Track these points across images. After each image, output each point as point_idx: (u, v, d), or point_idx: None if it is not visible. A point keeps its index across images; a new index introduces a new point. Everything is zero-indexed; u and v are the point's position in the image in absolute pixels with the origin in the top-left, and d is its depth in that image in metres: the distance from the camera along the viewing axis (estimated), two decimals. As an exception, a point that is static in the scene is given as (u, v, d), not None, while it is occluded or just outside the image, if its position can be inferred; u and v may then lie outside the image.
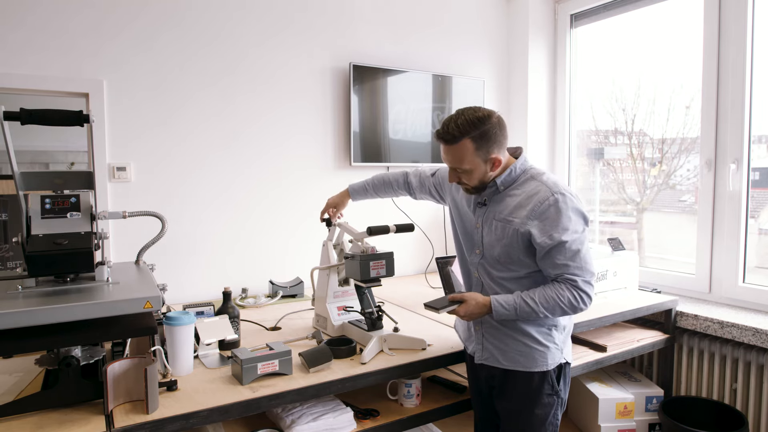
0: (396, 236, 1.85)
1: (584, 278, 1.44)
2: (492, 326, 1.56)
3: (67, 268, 1.41)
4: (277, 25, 2.52)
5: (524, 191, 1.50)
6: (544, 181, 1.49)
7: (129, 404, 1.32)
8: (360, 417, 1.63)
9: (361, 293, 1.83)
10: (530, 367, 1.53)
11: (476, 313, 1.50)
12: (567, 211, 1.44)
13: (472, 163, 1.46)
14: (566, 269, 1.44)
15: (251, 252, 2.53)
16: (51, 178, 1.52)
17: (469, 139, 1.43)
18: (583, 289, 1.44)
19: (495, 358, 1.57)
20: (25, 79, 2.03)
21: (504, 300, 1.48)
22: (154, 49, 2.25)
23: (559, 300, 1.43)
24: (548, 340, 1.53)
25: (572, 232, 1.43)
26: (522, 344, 1.53)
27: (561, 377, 1.56)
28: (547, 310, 1.44)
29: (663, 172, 2.80)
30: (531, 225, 1.45)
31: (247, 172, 2.50)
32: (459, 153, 1.46)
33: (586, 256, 1.45)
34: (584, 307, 1.45)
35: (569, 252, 1.43)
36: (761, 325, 2.08)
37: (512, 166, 1.52)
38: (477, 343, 1.61)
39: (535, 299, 1.45)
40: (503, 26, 3.25)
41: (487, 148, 1.45)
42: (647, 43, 2.82)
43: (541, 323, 1.53)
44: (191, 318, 1.54)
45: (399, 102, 2.81)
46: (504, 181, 1.52)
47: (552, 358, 1.53)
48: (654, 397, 2.33)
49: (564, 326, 1.58)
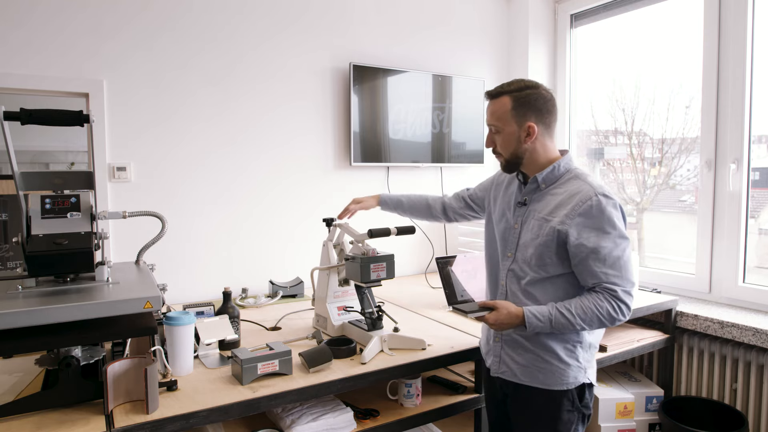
0: (396, 237, 1.85)
1: (624, 288, 1.36)
2: (512, 339, 1.49)
3: (67, 268, 1.41)
4: (277, 25, 2.52)
5: (566, 190, 1.43)
6: (589, 181, 1.42)
7: (129, 404, 1.32)
8: (360, 417, 1.63)
9: (361, 293, 1.83)
10: (549, 385, 1.45)
11: (506, 323, 1.40)
12: (609, 215, 1.36)
13: (505, 122, 1.43)
14: (605, 278, 1.35)
15: (251, 252, 2.53)
16: (51, 178, 1.52)
17: (509, 96, 1.43)
18: (623, 300, 1.35)
19: (512, 373, 1.50)
20: (25, 79, 2.03)
21: (538, 311, 1.38)
22: (155, 49, 2.26)
23: (598, 311, 1.34)
24: (571, 357, 1.44)
25: (613, 237, 1.36)
26: (542, 360, 1.45)
27: (583, 396, 1.47)
28: (585, 322, 1.35)
29: (663, 172, 2.80)
30: (569, 225, 1.37)
31: (248, 171, 2.50)
32: (496, 108, 1.44)
33: (627, 264, 1.37)
34: (623, 318, 1.36)
35: (609, 259, 1.35)
36: (761, 325, 2.08)
37: (556, 163, 1.46)
38: (494, 356, 1.55)
39: (571, 310, 1.35)
40: (503, 26, 3.25)
41: (524, 112, 1.41)
42: (647, 43, 2.82)
43: (566, 338, 1.44)
44: (191, 318, 1.54)
45: (399, 102, 2.81)
46: (546, 178, 1.47)
47: (573, 377, 1.44)
48: (654, 397, 2.33)
49: (590, 343, 1.48)
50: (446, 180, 3.09)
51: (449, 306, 1.50)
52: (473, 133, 3.08)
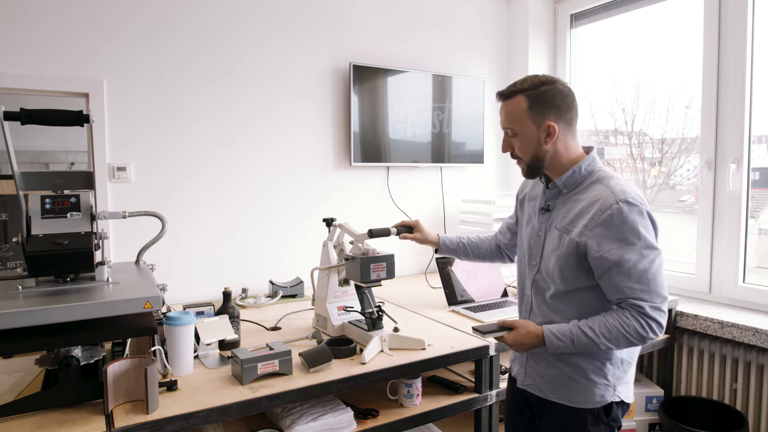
0: (396, 237, 1.85)
1: (653, 303, 1.24)
2: (537, 353, 1.42)
3: (67, 268, 1.41)
4: (277, 24, 2.52)
5: (587, 196, 1.32)
6: (611, 186, 1.29)
7: (129, 404, 1.32)
8: (360, 417, 1.63)
9: (361, 293, 1.83)
10: (576, 403, 1.36)
11: (526, 342, 1.33)
12: (633, 223, 1.24)
13: (521, 123, 1.33)
14: (630, 293, 1.25)
15: (251, 252, 2.53)
16: (51, 178, 1.52)
17: (524, 95, 1.33)
18: (652, 316, 1.24)
19: (538, 387, 1.43)
20: (22, 78, 2.02)
21: (558, 330, 1.29)
22: (153, 48, 2.25)
23: (624, 329, 1.24)
24: (598, 375, 1.35)
25: (638, 249, 1.24)
26: (567, 377, 1.37)
27: (611, 412, 1.37)
28: (610, 342, 1.25)
29: (663, 172, 2.80)
30: (588, 236, 1.27)
31: (247, 171, 2.50)
32: (511, 109, 1.34)
33: (656, 278, 1.25)
34: (654, 336, 1.25)
35: (634, 272, 1.24)
36: (761, 325, 2.08)
37: (576, 166, 1.35)
38: (520, 367, 1.49)
39: (594, 329, 1.26)
40: (503, 26, 3.25)
41: (541, 110, 1.31)
42: (647, 43, 2.82)
43: (594, 355, 1.35)
44: (191, 318, 1.53)
45: (399, 102, 2.81)
46: (566, 182, 1.37)
47: (600, 395, 1.35)
48: (654, 397, 2.33)
49: (621, 359, 1.37)
50: (446, 180, 3.09)
51: (473, 331, 1.42)
52: (473, 133, 3.08)
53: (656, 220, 1.30)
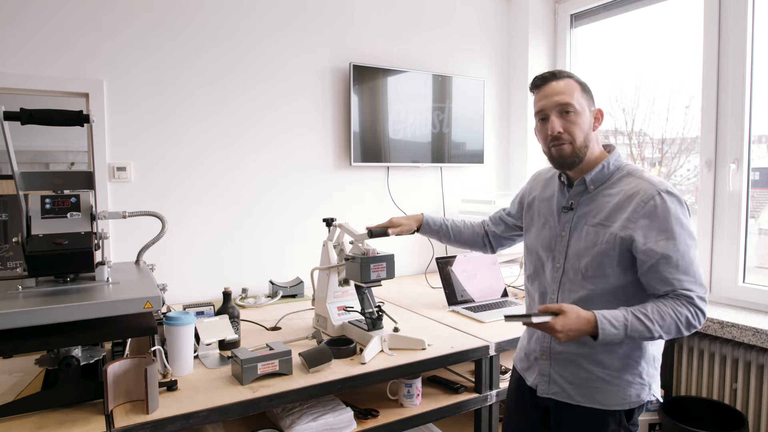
0: (396, 237, 1.85)
1: (699, 294, 1.25)
2: (563, 358, 1.36)
3: (67, 268, 1.42)
4: (276, 23, 2.52)
5: (622, 190, 1.30)
6: (647, 178, 1.29)
7: (129, 404, 1.32)
8: (360, 417, 1.63)
9: (361, 293, 1.83)
10: (609, 405, 1.32)
11: (575, 329, 1.21)
12: (677, 213, 1.24)
13: (580, 103, 1.30)
14: (678, 284, 1.24)
15: (251, 252, 2.53)
16: (51, 178, 1.52)
17: (572, 80, 1.33)
18: (700, 307, 1.24)
19: (566, 393, 1.36)
20: (22, 78, 2.02)
21: (612, 315, 1.21)
22: (153, 47, 2.25)
23: (677, 317, 1.22)
24: (634, 374, 1.32)
25: (684, 239, 1.24)
26: (600, 379, 1.32)
27: (632, 415, 1.35)
28: (663, 329, 1.22)
29: (663, 172, 2.80)
30: (633, 229, 1.25)
31: (247, 171, 2.50)
32: (566, 87, 1.31)
33: (699, 269, 1.26)
34: (699, 325, 1.25)
35: (682, 264, 1.23)
36: (761, 325, 2.08)
37: (605, 161, 1.33)
38: (541, 375, 1.40)
39: (649, 315, 1.21)
40: (503, 26, 3.25)
41: (589, 96, 1.33)
42: (647, 43, 2.82)
43: (629, 353, 1.31)
44: (191, 318, 1.54)
45: (399, 102, 2.81)
46: (595, 179, 1.34)
47: (636, 394, 1.32)
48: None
49: (653, 356, 1.35)
50: (446, 180, 3.09)
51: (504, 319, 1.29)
52: (473, 133, 3.08)
53: None
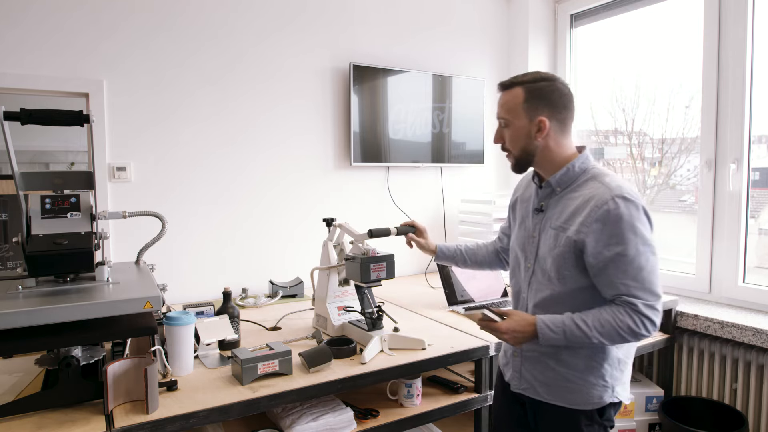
0: (396, 237, 1.85)
1: (646, 301, 1.24)
2: (533, 355, 1.41)
3: (67, 268, 1.41)
4: (276, 23, 2.52)
5: (582, 194, 1.32)
6: (606, 182, 1.29)
7: (129, 404, 1.32)
8: (360, 417, 1.63)
9: (361, 293, 1.83)
10: (574, 404, 1.35)
11: (519, 330, 1.30)
12: (630, 219, 1.24)
13: (516, 115, 1.34)
14: (625, 289, 1.24)
15: (251, 252, 2.53)
16: (51, 178, 1.52)
17: (522, 87, 1.35)
18: (645, 314, 1.23)
19: (535, 390, 1.41)
20: (24, 78, 2.02)
21: (551, 321, 1.28)
22: (153, 47, 2.25)
23: (617, 326, 1.23)
24: (596, 376, 1.34)
25: (635, 245, 1.23)
26: (565, 379, 1.35)
27: (604, 413, 1.37)
28: (603, 336, 1.24)
29: (663, 172, 2.80)
30: (586, 233, 1.26)
31: (247, 171, 2.50)
32: (508, 99, 1.37)
33: (651, 276, 1.25)
34: (646, 334, 1.25)
35: (630, 269, 1.23)
36: (761, 325, 2.08)
37: (570, 164, 1.35)
38: (515, 371, 1.46)
39: (587, 322, 1.25)
40: (503, 26, 3.25)
41: (536, 105, 1.33)
42: (647, 43, 2.82)
43: (591, 355, 1.33)
44: (191, 318, 1.54)
45: (399, 102, 2.81)
46: (560, 181, 1.36)
47: (598, 396, 1.34)
48: (654, 397, 2.33)
49: (619, 359, 1.36)
50: (446, 180, 3.09)
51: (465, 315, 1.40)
52: (473, 133, 3.08)
53: (652, 217, 1.29)
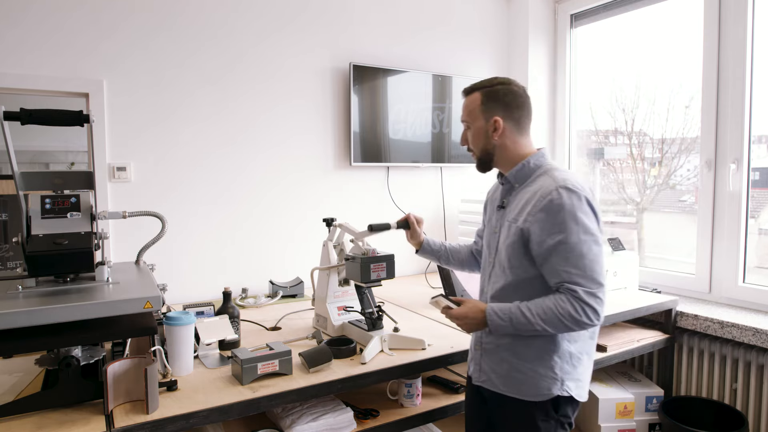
0: (396, 236, 1.85)
1: (587, 288, 1.27)
2: (491, 348, 1.45)
3: (67, 268, 1.41)
4: (276, 23, 2.52)
5: (533, 188, 1.39)
6: (554, 175, 1.36)
7: (129, 404, 1.32)
8: (360, 417, 1.63)
9: (361, 293, 1.83)
10: (525, 395, 1.39)
11: (471, 317, 1.38)
12: (572, 208, 1.29)
13: (475, 117, 1.45)
14: (567, 277, 1.28)
15: (251, 252, 2.53)
16: (51, 178, 1.52)
17: (480, 92, 1.45)
18: (586, 301, 1.26)
19: (491, 381, 1.45)
20: (24, 78, 2.02)
21: (499, 308, 1.35)
22: (153, 47, 2.25)
23: (558, 312, 1.27)
24: (545, 367, 1.37)
25: (576, 233, 1.28)
26: (517, 370, 1.39)
27: (559, 407, 1.39)
28: (546, 323, 1.28)
29: (663, 172, 2.80)
30: (532, 222, 1.33)
31: (247, 171, 2.50)
32: (468, 103, 1.48)
33: (593, 264, 1.28)
34: (589, 321, 1.27)
35: (572, 256, 1.27)
36: (761, 325, 2.08)
37: (525, 161, 1.43)
38: (475, 364, 1.51)
39: (531, 309, 1.30)
40: (503, 26, 3.25)
41: (492, 106, 1.43)
42: (647, 43, 2.82)
43: (541, 348, 1.37)
44: (191, 318, 1.54)
45: (399, 102, 2.81)
46: (516, 176, 1.44)
47: (547, 388, 1.37)
48: (654, 397, 2.33)
49: (570, 353, 1.38)
50: (446, 180, 3.09)
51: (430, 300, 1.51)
52: (473, 133, 3.08)
53: (598, 209, 1.35)
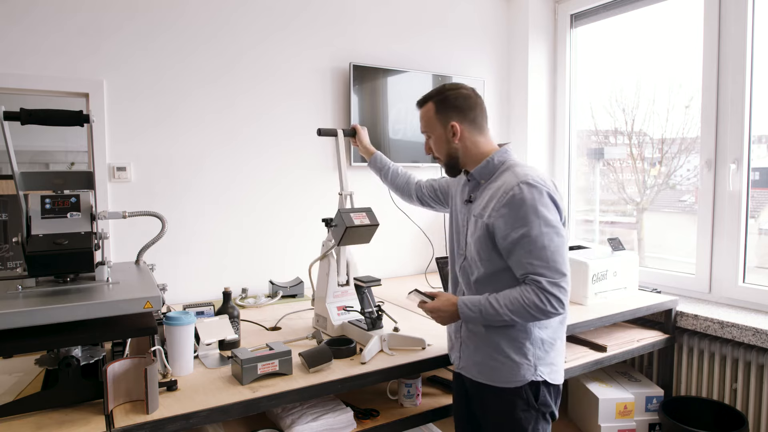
0: (395, 236, 1.85)
1: (551, 279, 1.31)
2: (468, 336, 1.50)
3: (67, 268, 1.41)
4: (277, 23, 2.52)
5: (497, 184, 1.42)
6: (516, 171, 1.40)
7: (129, 404, 1.32)
8: (360, 417, 1.63)
9: (361, 293, 1.83)
10: (501, 383, 1.43)
11: (443, 309, 1.45)
12: (533, 202, 1.33)
13: (432, 127, 1.51)
14: (531, 268, 1.32)
15: (251, 252, 2.53)
16: (51, 178, 1.52)
17: (432, 101, 1.50)
18: (550, 291, 1.31)
19: (469, 371, 1.50)
20: (24, 78, 2.02)
21: (470, 301, 1.41)
22: (153, 47, 2.25)
23: (524, 303, 1.32)
24: (519, 354, 1.41)
25: (538, 226, 1.32)
26: (493, 358, 1.43)
27: (539, 394, 1.42)
28: (513, 314, 1.33)
29: (663, 172, 2.80)
30: (496, 217, 1.37)
31: (247, 171, 2.50)
32: (423, 114, 1.54)
33: (555, 255, 1.32)
34: (553, 311, 1.32)
35: (534, 248, 1.32)
36: (761, 325, 2.08)
37: (489, 157, 1.46)
38: (456, 352, 1.56)
39: (499, 301, 1.35)
40: (503, 26, 3.25)
41: (446, 113, 1.47)
42: (647, 43, 2.82)
43: (513, 335, 1.41)
44: (191, 318, 1.54)
45: (399, 102, 2.81)
46: (481, 173, 1.48)
47: (522, 375, 1.41)
48: (654, 397, 2.33)
49: (542, 340, 1.42)
50: (446, 180, 3.09)
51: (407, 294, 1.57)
52: (473, 133, 3.08)
53: (560, 202, 1.39)
